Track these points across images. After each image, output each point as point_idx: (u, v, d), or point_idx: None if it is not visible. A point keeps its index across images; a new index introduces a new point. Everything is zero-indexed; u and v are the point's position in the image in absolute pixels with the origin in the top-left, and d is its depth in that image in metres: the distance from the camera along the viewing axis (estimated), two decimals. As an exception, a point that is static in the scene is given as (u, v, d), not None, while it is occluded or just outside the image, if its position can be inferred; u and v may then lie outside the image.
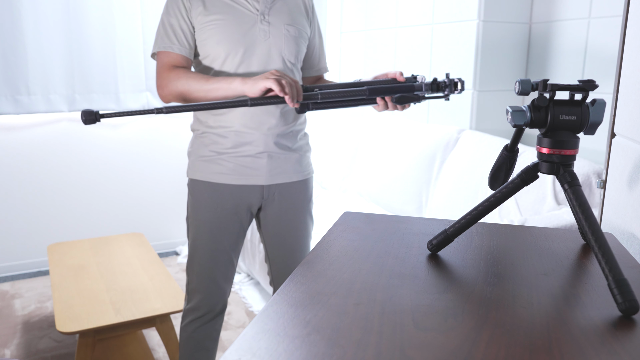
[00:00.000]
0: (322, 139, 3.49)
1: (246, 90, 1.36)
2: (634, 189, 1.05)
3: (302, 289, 0.77)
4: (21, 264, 3.11)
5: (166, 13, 1.48)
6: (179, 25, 1.47)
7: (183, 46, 1.48)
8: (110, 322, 1.82)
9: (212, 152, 1.53)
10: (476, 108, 2.61)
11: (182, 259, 3.34)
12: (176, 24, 1.47)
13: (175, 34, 1.47)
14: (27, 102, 2.90)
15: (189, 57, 1.50)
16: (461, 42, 2.61)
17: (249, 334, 0.64)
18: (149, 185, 3.36)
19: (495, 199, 0.87)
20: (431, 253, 0.92)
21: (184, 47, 1.48)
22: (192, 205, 1.57)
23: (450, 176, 2.50)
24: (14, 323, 2.55)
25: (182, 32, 1.47)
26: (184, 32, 1.47)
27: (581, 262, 0.89)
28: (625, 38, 1.13)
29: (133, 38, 3.10)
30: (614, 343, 0.63)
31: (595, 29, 2.29)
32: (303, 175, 1.63)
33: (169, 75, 1.46)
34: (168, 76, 1.46)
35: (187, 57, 1.50)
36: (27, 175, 3.03)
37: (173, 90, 1.45)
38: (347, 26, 3.53)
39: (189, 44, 1.49)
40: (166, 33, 1.48)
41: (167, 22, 1.48)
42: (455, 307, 0.71)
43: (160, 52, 1.49)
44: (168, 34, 1.48)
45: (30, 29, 2.85)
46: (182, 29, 1.47)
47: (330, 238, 0.99)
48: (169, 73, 1.46)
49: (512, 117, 0.82)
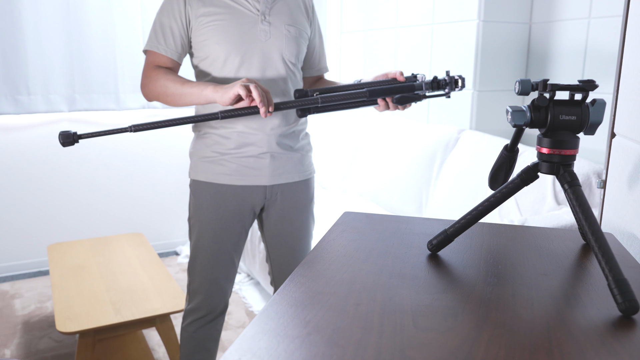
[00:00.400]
0: (322, 139, 3.49)
1: (217, 99, 1.36)
2: (634, 189, 1.05)
3: (302, 289, 0.77)
4: (21, 264, 3.11)
5: (160, 12, 1.48)
6: (169, 25, 1.47)
7: (169, 47, 1.48)
8: (110, 322, 1.82)
9: (215, 152, 1.53)
10: (476, 108, 2.61)
11: (182, 259, 3.34)
12: (167, 24, 1.47)
13: (164, 35, 1.47)
14: (27, 102, 2.90)
15: (175, 59, 1.50)
16: (461, 42, 2.60)
17: (249, 334, 0.64)
18: (149, 185, 3.36)
19: (495, 199, 0.87)
20: (431, 253, 0.92)
21: (170, 48, 1.48)
22: (195, 206, 1.57)
23: (450, 176, 2.50)
24: (14, 323, 2.55)
25: (172, 34, 1.47)
26: (173, 34, 1.47)
27: (581, 262, 0.89)
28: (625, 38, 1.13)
29: (133, 38, 3.10)
30: (614, 343, 0.63)
31: (595, 29, 2.29)
32: (305, 175, 1.63)
33: (151, 74, 1.47)
34: (150, 75, 1.47)
35: (173, 59, 1.50)
36: (27, 175, 3.03)
37: (152, 90, 1.47)
38: (347, 26, 3.53)
39: (176, 46, 1.48)
40: (155, 33, 1.48)
41: (158, 22, 1.48)
42: (455, 307, 0.71)
43: (148, 51, 1.50)
44: (157, 33, 1.48)
45: (30, 29, 2.85)
46: (172, 30, 1.47)
47: (330, 238, 0.99)
48: (151, 72, 1.47)
49: (512, 117, 0.82)
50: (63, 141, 1.28)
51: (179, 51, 1.49)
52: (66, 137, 1.28)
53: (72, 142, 1.29)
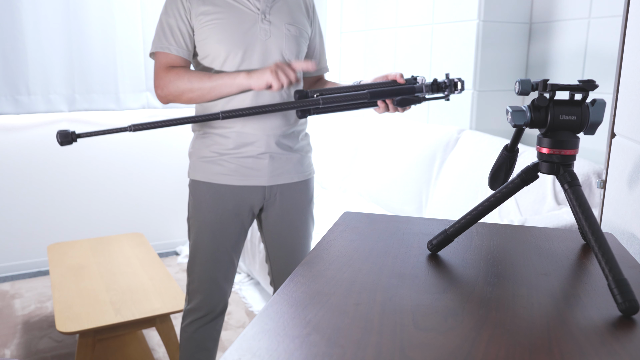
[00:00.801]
0: (322, 139, 3.49)
1: (252, 84, 1.39)
2: (634, 189, 1.05)
3: (302, 289, 0.77)
4: (21, 264, 3.11)
5: (165, 13, 1.48)
6: (177, 25, 1.47)
7: (181, 47, 1.48)
8: (110, 322, 1.82)
9: (214, 152, 1.53)
10: (476, 108, 2.61)
11: (182, 259, 3.34)
12: (174, 24, 1.47)
13: (173, 35, 1.47)
14: (27, 102, 2.90)
15: (187, 58, 1.50)
16: (461, 42, 2.60)
17: (249, 334, 0.64)
18: (149, 185, 3.36)
19: (495, 199, 0.87)
20: (431, 253, 0.92)
21: (181, 48, 1.48)
22: (194, 206, 1.57)
23: (450, 176, 2.50)
24: (14, 323, 2.55)
25: (180, 33, 1.47)
26: (182, 33, 1.47)
27: (581, 262, 0.89)
28: (625, 38, 1.13)
29: (133, 38, 3.10)
30: (614, 343, 0.63)
31: (595, 29, 2.29)
32: (304, 175, 1.63)
33: (167, 75, 1.46)
34: (167, 76, 1.46)
35: (185, 58, 1.49)
36: (27, 175, 3.03)
37: (173, 90, 1.45)
38: (347, 26, 3.53)
39: (186, 45, 1.48)
40: (164, 33, 1.47)
41: (165, 23, 1.48)
42: (455, 307, 0.71)
43: (158, 53, 1.49)
44: (166, 34, 1.47)
45: (30, 29, 2.85)
46: (180, 29, 1.47)
47: (330, 238, 0.99)
48: (167, 73, 1.46)
49: (512, 117, 0.82)
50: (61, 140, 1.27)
51: (189, 50, 1.50)
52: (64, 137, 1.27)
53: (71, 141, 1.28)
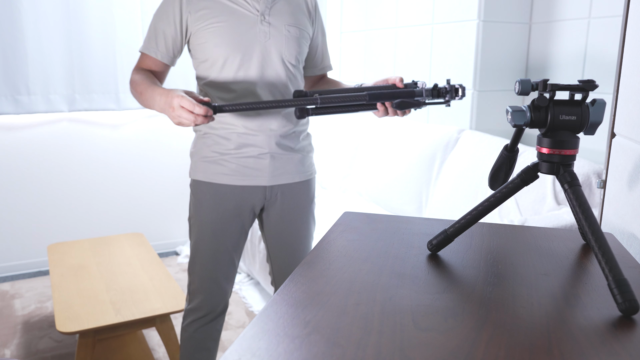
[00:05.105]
0: (322, 139, 3.49)
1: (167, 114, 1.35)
2: (634, 189, 1.05)
3: (302, 289, 0.77)
4: (21, 264, 3.11)
5: (157, 14, 1.49)
6: (164, 30, 1.48)
7: (161, 51, 1.50)
8: (110, 322, 1.82)
9: (215, 153, 1.53)
10: (476, 108, 2.61)
11: (182, 259, 3.34)
12: (161, 28, 1.48)
13: (157, 38, 1.49)
14: (27, 102, 2.90)
15: (166, 62, 1.52)
16: (461, 42, 2.60)
17: (249, 334, 0.64)
18: (149, 185, 3.36)
19: (495, 199, 0.87)
20: (431, 253, 0.92)
21: (161, 52, 1.50)
22: (195, 206, 1.57)
23: (450, 176, 2.50)
24: (14, 323, 2.55)
25: (164, 37, 1.48)
26: (166, 38, 1.48)
27: (581, 262, 0.89)
28: (625, 38, 1.13)
29: (133, 38, 3.10)
30: (614, 343, 0.63)
31: (595, 29, 2.29)
32: (305, 175, 1.63)
33: (135, 75, 1.49)
34: (134, 76, 1.49)
35: (167, 63, 1.52)
36: (27, 175, 3.03)
37: (132, 91, 1.49)
38: (347, 26, 3.53)
39: (172, 51, 1.51)
40: (155, 36, 1.49)
41: (153, 25, 1.50)
42: (455, 307, 0.71)
43: (142, 52, 1.52)
44: (151, 37, 1.50)
45: (30, 29, 2.85)
46: (164, 34, 1.48)
47: (330, 238, 0.99)
48: (135, 74, 1.49)
49: (512, 117, 0.82)
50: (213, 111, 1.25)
51: (170, 55, 1.51)
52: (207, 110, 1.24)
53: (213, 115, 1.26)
